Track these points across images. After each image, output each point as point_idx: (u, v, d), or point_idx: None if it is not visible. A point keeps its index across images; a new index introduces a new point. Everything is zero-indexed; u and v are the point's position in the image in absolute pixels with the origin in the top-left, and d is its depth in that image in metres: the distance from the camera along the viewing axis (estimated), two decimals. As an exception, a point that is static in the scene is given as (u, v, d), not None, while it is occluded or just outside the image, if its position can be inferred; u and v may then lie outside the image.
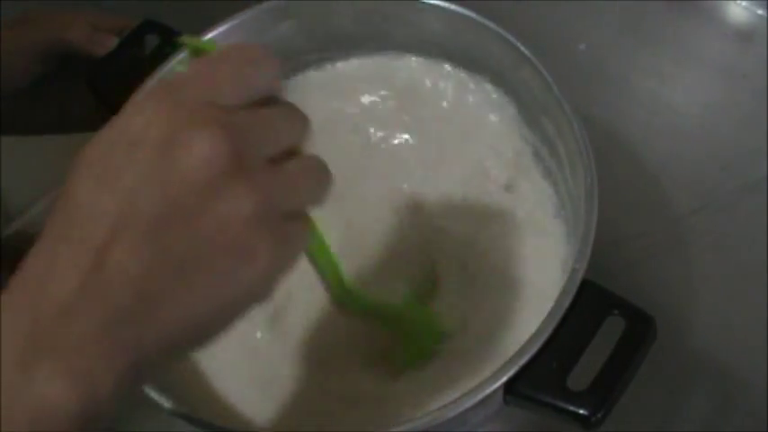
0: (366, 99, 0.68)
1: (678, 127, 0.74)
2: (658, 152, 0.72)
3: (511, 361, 0.48)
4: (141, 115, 0.36)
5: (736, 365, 0.63)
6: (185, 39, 0.49)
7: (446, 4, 0.62)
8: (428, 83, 0.67)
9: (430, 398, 0.54)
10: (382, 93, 0.68)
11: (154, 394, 0.50)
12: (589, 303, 0.50)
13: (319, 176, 0.40)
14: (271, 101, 0.39)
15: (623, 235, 0.68)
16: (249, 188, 0.35)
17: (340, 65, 0.68)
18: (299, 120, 0.40)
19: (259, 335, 0.61)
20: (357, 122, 0.67)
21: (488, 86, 0.65)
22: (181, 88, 0.36)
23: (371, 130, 0.68)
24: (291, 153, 0.39)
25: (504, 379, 0.48)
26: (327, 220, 0.59)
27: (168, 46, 0.64)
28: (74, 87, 0.69)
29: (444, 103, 0.67)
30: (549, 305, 0.50)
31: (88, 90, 0.67)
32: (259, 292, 0.37)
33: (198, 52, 0.47)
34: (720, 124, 0.73)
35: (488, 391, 0.48)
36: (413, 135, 0.67)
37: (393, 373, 0.58)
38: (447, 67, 0.66)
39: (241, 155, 0.35)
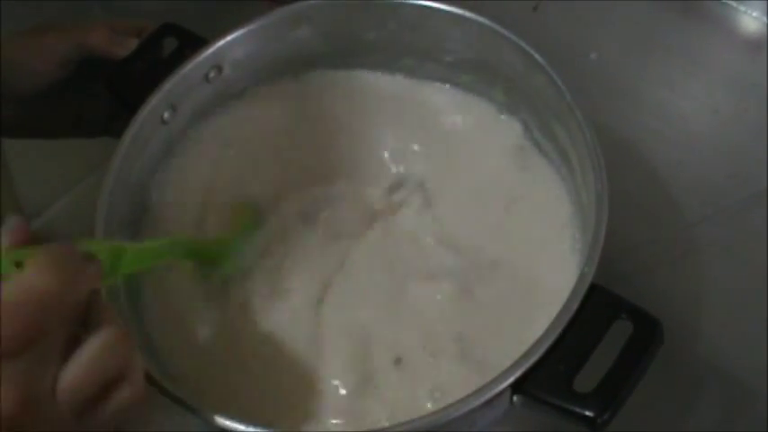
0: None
1: (688, 135, 0.74)
2: (668, 160, 0.73)
3: (519, 362, 0.49)
4: None
5: (743, 372, 0.63)
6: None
7: (462, 12, 0.63)
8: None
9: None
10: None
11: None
12: (597, 307, 0.51)
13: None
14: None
15: (633, 242, 0.68)
16: None
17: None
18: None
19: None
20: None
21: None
22: None
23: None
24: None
25: (512, 379, 0.49)
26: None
27: (187, 48, 0.65)
28: (90, 93, 0.71)
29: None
30: (558, 308, 0.51)
31: (105, 95, 0.68)
32: None
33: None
34: (730, 133, 0.74)
35: (496, 390, 0.49)
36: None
37: None
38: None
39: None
